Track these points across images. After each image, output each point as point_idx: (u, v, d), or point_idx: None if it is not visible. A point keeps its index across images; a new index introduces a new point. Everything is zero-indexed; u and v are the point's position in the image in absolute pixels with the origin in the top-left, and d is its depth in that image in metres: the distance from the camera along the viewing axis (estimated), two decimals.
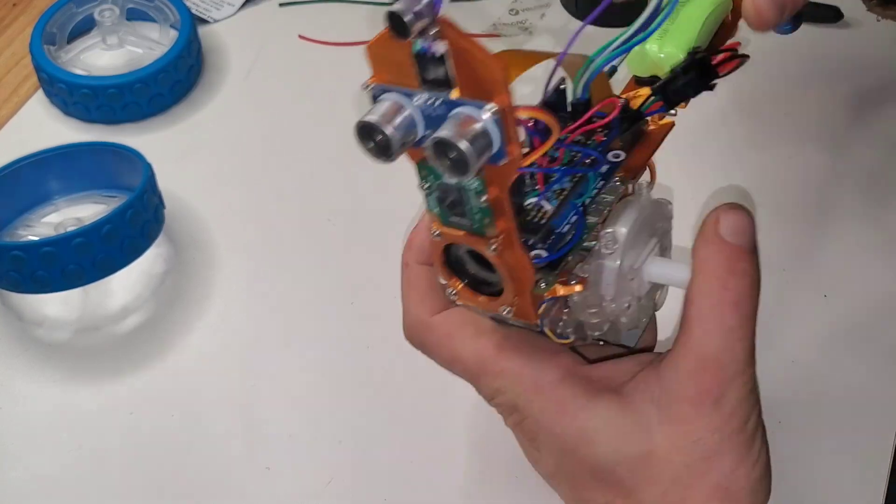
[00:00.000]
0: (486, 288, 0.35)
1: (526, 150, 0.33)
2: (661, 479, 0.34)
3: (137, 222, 0.52)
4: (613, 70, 0.38)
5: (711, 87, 0.37)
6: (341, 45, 0.69)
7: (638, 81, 0.39)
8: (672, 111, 0.38)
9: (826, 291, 0.53)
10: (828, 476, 0.46)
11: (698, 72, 0.36)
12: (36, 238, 0.55)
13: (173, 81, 0.65)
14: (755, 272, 0.34)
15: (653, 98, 0.37)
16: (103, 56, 0.69)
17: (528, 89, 0.37)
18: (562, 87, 0.38)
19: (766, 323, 0.51)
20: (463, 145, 0.28)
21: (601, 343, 0.38)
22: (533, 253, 0.34)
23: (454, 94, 0.30)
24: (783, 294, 0.53)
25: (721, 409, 0.34)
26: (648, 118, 0.38)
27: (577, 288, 0.34)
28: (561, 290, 0.34)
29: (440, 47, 0.29)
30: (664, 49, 0.37)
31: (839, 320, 0.51)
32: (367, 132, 0.30)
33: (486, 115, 0.29)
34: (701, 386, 0.34)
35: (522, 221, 0.35)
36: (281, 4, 0.74)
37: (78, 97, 0.63)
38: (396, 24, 0.28)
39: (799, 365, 0.50)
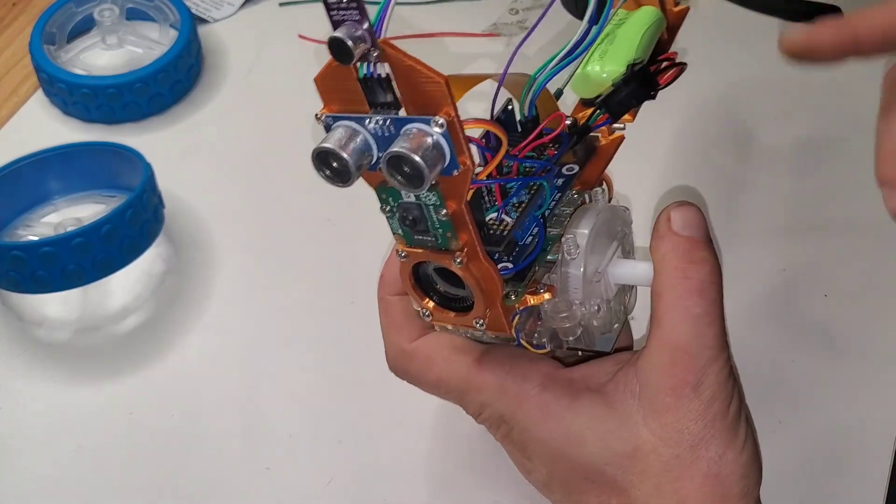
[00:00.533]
0: (458, 304, 0.36)
1: (480, 167, 0.34)
2: (652, 472, 0.35)
3: (137, 222, 0.52)
4: (559, 94, 0.40)
5: (653, 97, 0.38)
6: None
7: (584, 103, 0.40)
8: (620, 125, 0.39)
9: (826, 291, 0.53)
10: (828, 476, 0.46)
11: (639, 82, 0.37)
12: (36, 238, 0.55)
13: (173, 81, 0.65)
14: (713, 259, 0.35)
15: (598, 111, 0.38)
16: (103, 56, 0.69)
17: (480, 107, 0.38)
18: (509, 107, 0.39)
19: (766, 323, 0.52)
20: (416, 157, 0.30)
21: (579, 353, 0.39)
22: (500, 265, 0.35)
23: (403, 113, 0.31)
24: (783, 294, 0.53)
25: (701, 396, 0.34)
26: (599, 134, 0.40)
27: (547, 296, 0.36)
28: (531, 300, 0.36)
29: (384, 69, 0.30)
30: (606, 68, 0.38)
31: (839, 320, 0.51)
32: (323, 159, 0.31)
33: (435, 127, 0.30)
34: (678, 376, 0.34)
35: (486, 235, 0.35)
36: (281, 4, 0.74)
37: (78, 97, 0.63)
38: (339, 50, 0.29)
39: (799, 365, 0.50)
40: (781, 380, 0.49)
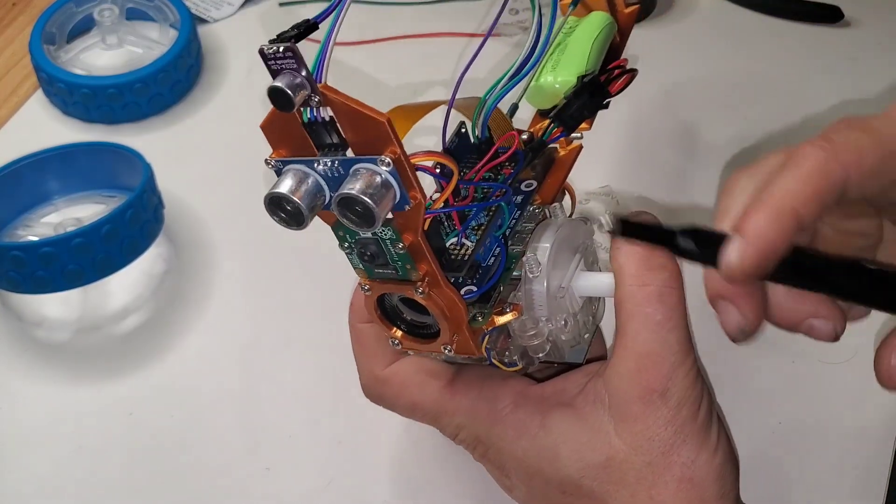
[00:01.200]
0: (426, 331, 0.36)
1: (437, 193, 0.35)
2: (627, 481, 0.35)
3: (137, 222, 0.52)
4: (514, 108, 0.40)
5: (605, 106, 0.38)
6: (341, 45, 0.68)
7: (542, 114, 0.40)
8: (577, 134, 0.39)
9: None
10: (828, 476, 0.46)
11: (590, 93, 0.38)
12: (36, 238, 0.55)
13: (173, 81, 0.65)
14: (672, 264, 0.35)
15: (552, 125, 0.38)
16: (103, 56, 0.69)
17: (436, 133, 0.38)
18: (463, 130, 0.39)
19: (765, 323, 0.51)
20: (365, 198, 0.30)
21: (555, 365, 0.39)
22: (464, 289, 0.35)
23: (350, 154, 0.31)
24: None
25: (669, 402, 0.34)
26: (557, 145, 0.40)
27: (513, 314, 0.36)
28: (498, 320, 0.36)
29: (327, 112, 0.31)
30: (559, 79, 0.38)
31: None
32: (277, 204, 0.31)
33: (382, 166, 0.30)
34: (644, 383, 0.34)
35: (447, 261, 0.36)
36: (281, 4, 0.74)
37: (78, 97, 0.63)
38: (280, 99, 0.30)
39: (799, 365, 0.50)
40: (781, 380, 0.49)
